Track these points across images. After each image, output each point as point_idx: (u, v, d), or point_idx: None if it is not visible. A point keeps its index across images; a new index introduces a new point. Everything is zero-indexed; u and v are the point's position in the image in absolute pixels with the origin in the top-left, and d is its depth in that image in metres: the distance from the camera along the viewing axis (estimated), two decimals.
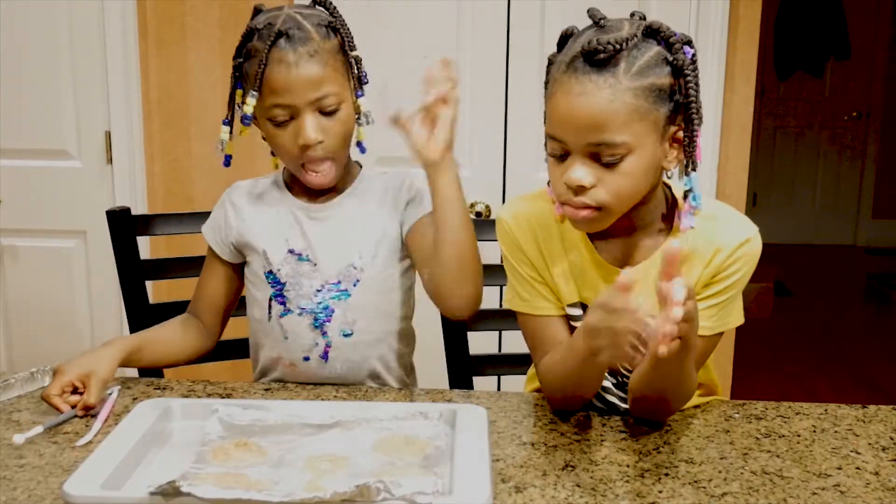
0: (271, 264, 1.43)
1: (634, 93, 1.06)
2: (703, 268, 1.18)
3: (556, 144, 1.12)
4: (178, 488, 0.92)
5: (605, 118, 1.06)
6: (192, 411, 1.20)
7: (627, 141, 1.07)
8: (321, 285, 1.42)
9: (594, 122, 1.06)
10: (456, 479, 0.99)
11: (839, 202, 6.29)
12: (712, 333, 1.20)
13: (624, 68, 1.05)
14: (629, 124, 1.06)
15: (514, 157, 2.36)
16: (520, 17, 2.31)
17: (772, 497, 1.02)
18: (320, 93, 1.32)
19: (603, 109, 1.05)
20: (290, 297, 1.43)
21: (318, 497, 0.93)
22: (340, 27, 1.37)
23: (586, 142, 1.08)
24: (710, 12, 2.28)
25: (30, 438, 1.14)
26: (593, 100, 1.05)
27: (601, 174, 1.10)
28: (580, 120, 1.07)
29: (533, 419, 1.25)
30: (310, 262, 1.42)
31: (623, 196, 1.12)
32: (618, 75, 1.05)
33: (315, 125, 1.33)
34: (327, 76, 1.33)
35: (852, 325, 4.68)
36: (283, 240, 1.43)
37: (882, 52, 5.96)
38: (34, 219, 2.49)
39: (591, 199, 1.11)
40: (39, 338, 2.54)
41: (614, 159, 1.08)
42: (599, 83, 1.05)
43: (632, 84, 1.05)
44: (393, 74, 2.34)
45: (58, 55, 2.40)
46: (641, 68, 1.06)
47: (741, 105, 2.35)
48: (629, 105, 1.06)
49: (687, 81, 1.08)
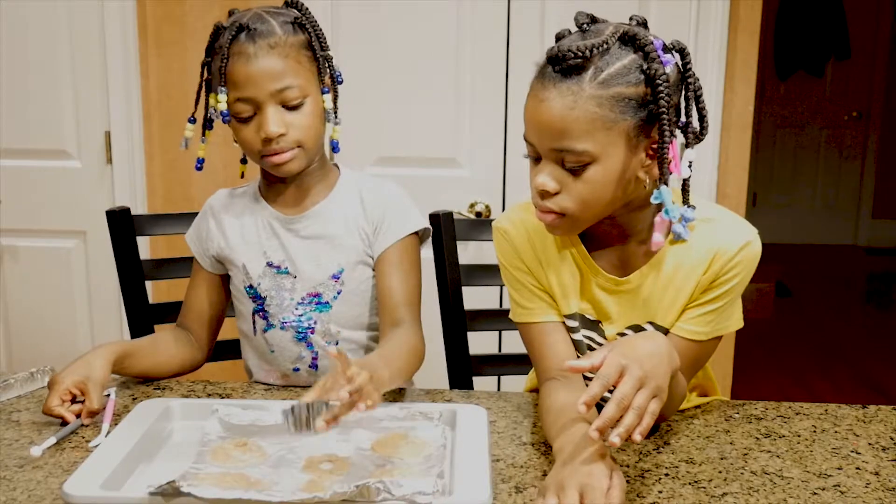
0: (251, 278, 1.43)
1: (598, 101, 1.04)
2: (703, 273, 1.16)
3: (530, 148, 1.12)
4: (177, 488, 0.93)
5: (564, 125, 1.05)
6: (191, 411, 1.20)
7: (589, 149, 1.06)
8: (302, 297, 1.41)
9: (554, 129, 1.06)
10: (456, 479, 0.99)
11: (839, 202, 6.29)
12: (709, 338, 1.20)
13: (590, 76, 1.04)
14: (592, 133, 1.05)
15: (514, 157, 2.36)
16: (520, 17, 2.31)
17: (772, 497, 1.02)
18: (281, 84, 1.30)
19: (563, 117, 1.04)
20: (271, 311, 1.42)
21: (318, 497, 0.93)
22: (309, 24, 1.35)
23: (549, 147, 1.08)
24: (710, 12, 2.27)
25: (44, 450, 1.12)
26: (554, 106, 1.05)
27: (566, 181, 1.09)
28: (542, 125, 1.07)
29: (533, 419, 1.25)
30: (289, 275, 1.41)
31: (588, 204, 1.10)
32: (582, 83, 1.04)
33: (277, 119, 1.31)
34: (289, 68, 1.31)
35: (852, 325, 4.68)
36: (261, 252, 1.42)
37: (882, 52, 5.96)
38: (34, 219, 2.49)
39: (555, 204, 1.10)
40: (39, 338, 2.54)
41: (577, 166, 1.07)
42: (562, 90, 1.04)
43: (595, 92, 1.04)
44: (393, 74, 2.36)
45: (58, 55, 2.40)
46: (610, 76, 1.04)
47: (741, 105, 2.34)
48: (591, 113, 1.04)
49: (657, 93, 1.04)
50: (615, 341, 1.06)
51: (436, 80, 2.35)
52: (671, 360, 1.02)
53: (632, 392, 0.95)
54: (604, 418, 0.94)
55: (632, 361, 0.96)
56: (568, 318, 1.25)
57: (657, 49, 1.06)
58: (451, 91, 2.36)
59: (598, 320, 1.24)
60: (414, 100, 2.36)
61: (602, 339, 1.25)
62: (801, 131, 6.20)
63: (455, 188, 2.37)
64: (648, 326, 1.21)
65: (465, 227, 1.65)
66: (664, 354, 1.01)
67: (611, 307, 1.22)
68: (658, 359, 1.00)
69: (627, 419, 0.94)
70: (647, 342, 1.03)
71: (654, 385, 0.97)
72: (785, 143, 6.21)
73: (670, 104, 1.06)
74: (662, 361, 1.00)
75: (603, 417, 0.94)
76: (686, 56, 1.11)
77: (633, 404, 0.95)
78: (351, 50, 2.33)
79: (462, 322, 1.63)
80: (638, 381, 0.96)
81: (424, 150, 2.40)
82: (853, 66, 5.92)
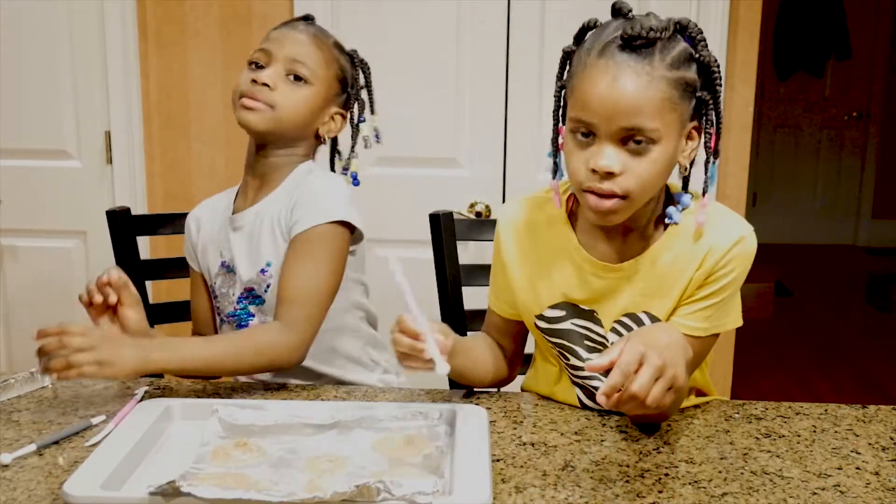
0: (212, 277, 1.48)
1: (669, 83, 1.06)
2: (696, 269, 1.17)
3: (583, 126, 1.10)
4: (177, 488, 0.92)
5: (641, 103, 1.06)
6: (192, 411, 1.20)
7: (658, 128, 1.07)
8: (241, 293, 1.44)
9: (631, 106, 1.06)
10: (456, 479, 0.99)
11: (839, 202, 6.29)
12: (707, 335, 1.20)
13: (659, 57, 1.06)
14: (662, 113, 1.07)
15: (513, 157, 2.36)
16: (520, 17, 2.31)
17: (772, 497, 1.02)
18: (296, 55, 1.38)
19: (640, 95, 1.05)
20: (220, 306, 1.47)
21: (318, 497, 0.93)
22: (358, 68, 1.49)
23: (619, 126, 1.07)
24: (710, 12, 2.28)
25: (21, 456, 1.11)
26: (632, 84, 1.05)
27: (628, 161, 1.09)
28: (616, 103, 1.06)
29: (533, 419, 1.25)
30: (233, 272, 1.45)
31: (647, 185, 1.11)
32: (654, 63, 1.06)
33: (272, 73, 1.38)
34: (311, 55, 1.40)
35: (852, 325, 4.68)
36: (218, 253, 1.47)
37: (882, 52, 5.97)
38: (34, 219, 2.49)
39: (618, 186, 1.10)
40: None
41: (644, 147, 1.08)
42: (637, 69, 1.05)
43: (667, 74, 1.06)
44: (393, 74, 2.36)
45: (58, 55, 2.40)
46: (675, 60, 1.07)
47: (741, 105, 2.35)
48: (664, 93, 1.06)
49: (714, 78, 1.10)
50: (632, 332, 1.07)
51: (436, 80, 2.35)
52: (686, 351, 1.05)
53: (650, 383, 0.96)
54: (609, 384, 0.96)
55: (650, 349, 0.97)
56: (551, 309, 1.27)
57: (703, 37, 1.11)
58: (451, 91, 2.36)
59: (593, 309, 1.24)
60: (414, 100, 2.36)
61: (598, 328, 1.25)
62: (801, 131, 6.20)
63: (455, 188, 2.38)
64: (643, 316, 1.22)
65: (465, 227, 1.65)
66: (680, 345, 1.04)
67: (605, 295, 1.23)
68: (675, 349, 1.01)
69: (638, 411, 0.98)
70: (664, 332, 1.05)
71: (672, 373, 0.98)
72: (785, 143, 6.21)
73: (719, 93, 1.11)
74: (679, 352, 1.02)
75: (608, 384, 0.96)
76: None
77: (649, 398, 0.96)
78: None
79: (462, 322, 1.63)
80: (657, 369, 0.97)
81: (424, 150, 2.40)
82: (853, 66, 5.93)
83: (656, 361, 0.97)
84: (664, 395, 0.98)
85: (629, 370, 0.96)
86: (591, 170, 1.09)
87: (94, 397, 1.32)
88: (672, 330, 1.08)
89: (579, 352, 1.28)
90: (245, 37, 2.38)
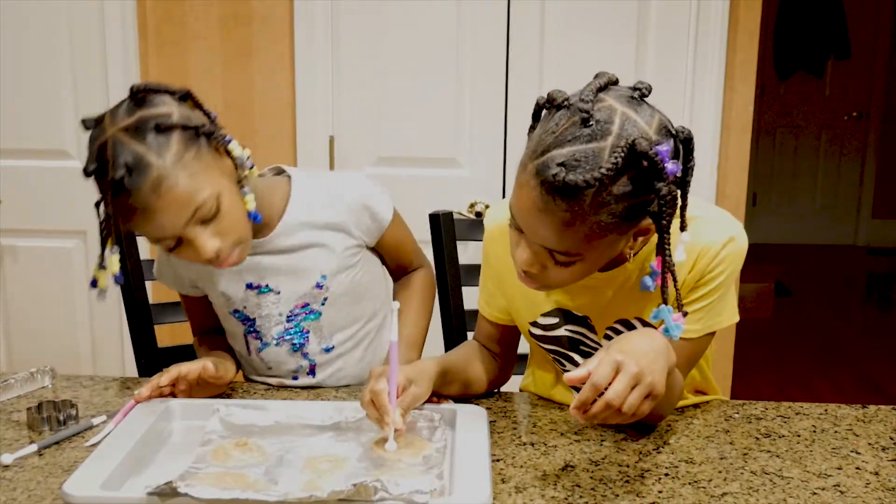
0: (234, 303, 1.40)
1: (597, 221, 0.98)
2: (688, 272, 1.16)
3: (513, 220, 1.07)
4: (175, 489, 0.92)
5: (559, 238, 1.01)
6: (192, 411, 1.20)
7: (581, 252, 1.03)
8: (290, 311, 1.40)
9: (547, 237, 1.02)
10: (456, 479, 0.99)
11: (839, 202, 6.29)
12: (701, 335, 1.19)
13: (590, 200, 0.97)
14: (586, 242, 1.01)
15: (514, 157, 2.36)
16: (520, 17, 2.31)
17: (772, 497, 1.02)
18: (191, 209, 1.16)
19: (560, 231, 1.00)
20: (262, 330, 1.41)
21: (316, 496, 0.93)
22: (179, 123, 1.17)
23: (538, 243, 1.04)
24: (710, 12, 2.27)
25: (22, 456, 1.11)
26: (549, 220, 0.99)
27: (550, 264, 1.06)
28: (536, 232, 1.03)
29: (533, 419, 1.25)
30: (272, 292, 1.39)
31: (571, 283, 1.11)
32: (583, 205, 0.97)
33: (206, 237, 1.19)
34: (191, 187, 1.15)
35: (852, 325, 4.68)
36: (237, 276, 1.38)
37: (882, 52, 5.96)
38: (34, 219, 2.49)
39: (538, 281, 1.10)
40: (39, 338, 2.54)
41: (566, 259, 1.04)
42: (561, 206, 0.97)
43: (596, 217, 0.98)
44: (393, 74, 2.36)
45: (58, 55, 2.40)
46: (612, 196, 0.97)
47: (741, 105, 2.34)
48: (589, 229, 0.99)
49: (661, 213, 0.99)
50: (612, 340, 1.06)
51: (436, 80, 2.35)
52: (668, 357, 1.02)
53: (625, 391, 0.95)
54: (580, 400, 0.96)
55: (627, 357, 0.96)
56: (544, 316, 1.27)
57: (664, 159, 0.97)
58: (451, 91, 2.36)
59: (586, 316, 1.24)
60: (414, 100, 2.36)
61: (592, 335, 1.25)
62: (801, 131, 6.19)
63: (455, 188, 2.38)
64: (636, 322, 1.21)
65: (464, 227, 1.65)
66: (661, 351, 1.01)
67: (597, 301, 1.22)
68: (654, 355, 0.99)
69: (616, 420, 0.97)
70: (644, 339, 1.02)
71: (649, 382, 0.96)
72: (785, 143, 6.21)
73: (672, 214, 1.01)
74: (659, 358, 1.00)
75: (579, 399, 0.96)
76: (690, 143, 1.03)
77: (625, 406, 0.95)
78: (351, 50, 2.33)
79: (462, 322, 1.63)
80: (633, 378, 0.95)
81: (424, 150, 2.40)
82: (853, 66, 5.92)
83: (633, 369, 0.95)
84: (641, 402, 0.96)
85: (601, 384, 0.95)
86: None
87: (94, 397, 1.32)
88: (655, 336, 1.04)
89: (575, 358, 1.28)
90: (245, 37, 2.38)
